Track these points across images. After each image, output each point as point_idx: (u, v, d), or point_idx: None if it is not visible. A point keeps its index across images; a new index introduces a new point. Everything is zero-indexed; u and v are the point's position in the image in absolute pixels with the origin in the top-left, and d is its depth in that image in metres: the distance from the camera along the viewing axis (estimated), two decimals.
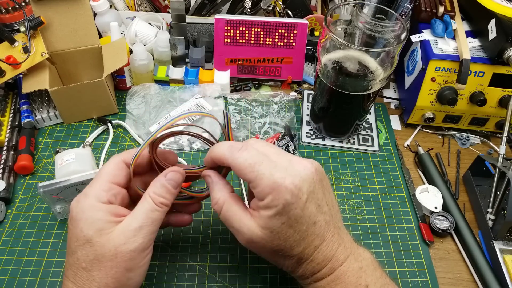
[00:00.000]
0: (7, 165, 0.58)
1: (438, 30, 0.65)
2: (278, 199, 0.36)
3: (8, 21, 0.68)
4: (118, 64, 0.64)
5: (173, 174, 0.41)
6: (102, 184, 0.39)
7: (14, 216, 0.55)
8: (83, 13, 0.64)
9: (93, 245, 0.36)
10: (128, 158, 0.41)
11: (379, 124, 0.70)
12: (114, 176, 0.40)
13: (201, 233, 0.54)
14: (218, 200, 0.40)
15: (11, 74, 0.60)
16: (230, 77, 0.73)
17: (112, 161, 0.41)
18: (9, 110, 0.65)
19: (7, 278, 0.49)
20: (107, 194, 0.39)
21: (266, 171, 0.36)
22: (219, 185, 0.41)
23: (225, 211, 0.40)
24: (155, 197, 0.39)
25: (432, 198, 0.58)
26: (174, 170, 0.41)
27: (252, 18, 0.69)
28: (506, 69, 0.62)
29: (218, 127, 0.66)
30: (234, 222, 0.39)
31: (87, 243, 0.36)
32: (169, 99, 0.69)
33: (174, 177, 0.41)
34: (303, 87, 0.76)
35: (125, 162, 0.41)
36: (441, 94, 0.64)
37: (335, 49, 0.56)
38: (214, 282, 0.50)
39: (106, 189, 0.39)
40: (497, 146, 0.68)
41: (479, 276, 0.51)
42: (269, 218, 0.37)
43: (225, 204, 0.40)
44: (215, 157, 0.41)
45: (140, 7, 0.82)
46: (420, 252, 0.54)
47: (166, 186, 0.40)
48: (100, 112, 0.67)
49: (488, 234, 0.54)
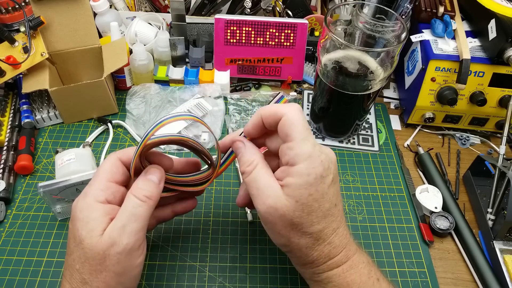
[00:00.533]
0: (7, 165, 0.58)
1: (438, 30, 0.65)
2: (314, 168, 0.36)
3: (8, 21, 0.68)
4: (118, 64, 0.64)
5: (152, 170, 0.40)
6: (100, 183, 0.38)
7: (14, 216, 0.55)
8: (83, 13, 0.64)
9: (84, 247, 0.36)
10: (124, 156, 0.40)
11: (379, 124, 0.70)
12: (111, 174, 0.39)
13: (201, 233, 0.54)
14: (252, 161, 0.39)
15: (11, 74, 0.60)
16: (230, 77, 0.73)
17: (108, 159, 0.40)
18: (9, 110, 0.65)
19: (7, 278, 0.49)
20: (105, 193, 0.38)
21: (311, 139, 0.37)
22: (253, 149, 0.41)
23: (256, 172, 0.38)
24: (138, 191, 0.38)
25: (432, 198, 0.58)
26: (153, 167, 0.40)
27: (252, 18, 0.69)
28: (506, 69, 0.62)
29: (218, 127, 0.66)
30: (261, 183, 0.38)
31: (80, 244, 0.36)
32: (169, 99, 0.69)
33: (154, 172, 0.40)
34: (303, 87, 0.76)
35: (121, 160, 0.40)
36: (441, 94, 0.64)
37: (335, 49, 0.56)
38: (214, 282, 0.50)
39: (104, 188, 0.38)
40: (497, 146, 0.68)
41: (479, 276, 0.51)
42: (298, 186, 0.36)
43: (258, 165, 0.39)
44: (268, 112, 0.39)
45: (140, 7, 0.82)
46: (420, 252, 0.54)
47: (147, 179, 0.39)
48: (100, 112, 0.67)
49: (488, 234, 0.54)
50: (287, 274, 0.51)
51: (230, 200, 0.58)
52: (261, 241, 0.53)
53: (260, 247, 0.53)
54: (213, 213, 0.56)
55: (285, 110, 0.38)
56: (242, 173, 0.40)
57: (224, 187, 0.59)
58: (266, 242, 0.53)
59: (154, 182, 0.39)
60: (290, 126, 0.37)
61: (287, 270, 0.51)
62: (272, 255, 0.52)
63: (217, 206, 0.57)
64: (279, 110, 0.38)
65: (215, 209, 0.57)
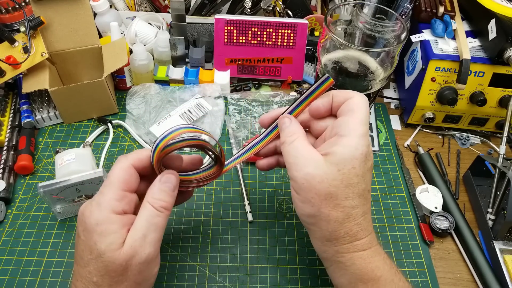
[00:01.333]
0: (7, 165, 0.58)
1: (438, 30, 0.65)
2: (363, 145, 0.37)
3: (8, 21, 0.68)
4: (118, 64, 0.64)
5: (168, 177, 0.40)
6: (114, 193, 0.37)
7: (14, 216, 0.55)
8: (83, 13, 0.64)
9: (104, 260, 0.35)
10: (137, 162, 0.39)
11: (379, 124, 0.70)
12: (125, 183, 0.38)
13: (201, 233, 0.54)
14: (295, 132, 0.40)
15: (11, 74, 0.60)
16: (230, 77, 0.73)
17: (121, 166, 0.39)
18: (9, 110, 0.65)
19: (7, 278, 0.49)
20: (121, 203, 0.37)
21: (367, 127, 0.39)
22: (298, 124, 0.42)
23: (298, 141, 0.39)
24: (154, 201, 0.38)
25: (432, 198, 0.58)
26: (168, 173, 0.40)
27: (252, 18, 0.69)
28: (506, 69, 0.62)
29: (218, 127, 0.66)
30: (301, 152, 0.39)
31: (99, 258, 0.35)
32: (169, 99, 0.69)
33: (170, 179, 0.40)
34: (303, 87, 0.76)
35: (134, 166, 0.39)
36: (441, 94, 0.64)
37: (335, 49, 0.56)
38: (214, 282, 0.50)
39: (120, 198, 0.37)
40: (497, 146, 0.68)
41: (479, 276, 0.51)
42: (344, 155, 0.37)
43: (301, 137, 0.40)
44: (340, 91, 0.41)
45: (140, 7, 0.82)
46: (420, 252, 0.54)
47: (164, 189, 0.39)
48: (100, 112, 0.67)
49: (488, 234, 0.54)
50: (287, 274, 0.51)
51: (230, 200, 0.58)
52: (261, 241, 0.53)
53: (260, 247, 0.53)
54: (213, 213, 0.56)
55: (356, 94, 0.40)
56: (282, 143, 0.41)
57: (224, 187, 0.59)
58: (266, 242, 0.53)
59: (170, 191, 0.39)
60: (358, 106, 0.39)
61: (287, 270, 0.51)
62: (272, 255, 0.52)
63: (217, 206, 0.57)
64: (351, 92, 0.41)
65: (215, 209, 0.57)
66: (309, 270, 0.51)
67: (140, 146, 0.64)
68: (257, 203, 0.58)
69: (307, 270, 0.51)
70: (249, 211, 0.56)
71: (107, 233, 0.35)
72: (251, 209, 0.56)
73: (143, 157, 0.40)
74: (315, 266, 0.51)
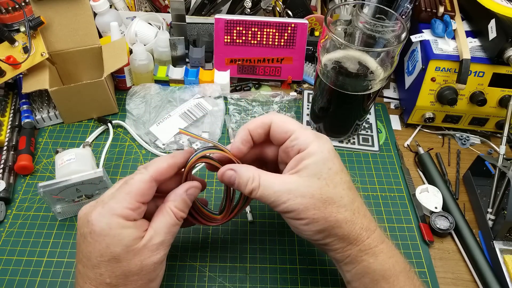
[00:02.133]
0: (7, 165, 0.58)
1: (438, 30, 0.65)
2: (324, 144, 0.39)
3: (8, 21, 0.68)
4: (118, 64, 0.64)
5: (193, 190, 0.41)
6: (131, 203, 0.37)
7: (14, 216, 0.55)
8: (83, 13, 0.64)
9: (120, 261, 0.36)
10: (158, 176, 0.39)
11: (379, 124, 0.70)
12: (143, 196, 0.38)
13: (201, 233, 0.54)
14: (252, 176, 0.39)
15: (11, 74, 0.60)
16: (230, 77, 0.73)
17: (142, 178, 0.39)
18: (9, 110, 0.65)
19: (7, 278, 0.49)
20: (135, 213, 0.38)
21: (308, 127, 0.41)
22: (243, 167, 0.41)
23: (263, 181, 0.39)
24: (177, 211, 0.40)
25: (432, 198, 0.58)
26: (194, 186, 0.42)
27: (252, 18, 0.69)
28: (506, 69, 0.62)
29: (218, 127, 0.66)
30: (275, 186, 0.38)
31: (113, 259, 0.36)
32: (169, 99, 0.69)
33: (194, 193, 0.42)
34: (303, 87, 0.76)
35: (156, 181, 0.39)
36: (441, 94, 0.64)
37: (335, 49, 0.56)
38: (214, 282, 0.50)
39: (134, 208, 0.38)
40: (497, 146, 0.68)
41: (479, 276, 0.51)
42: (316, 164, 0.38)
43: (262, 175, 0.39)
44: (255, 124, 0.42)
45: (140, 7, 0.82)
46: (420, 252, 0.54)
47: (187, 201, 0.41)
48: (100, 112, 0.67)
49: (488, 234, 0.54)
50: (287, 274, 0.51)
51: None
52: (261, 241, 0.53)
53: (260, 247, 0.53)
54: None
55: (270, 117, 0.42)
56: (250, 193, 0.39)
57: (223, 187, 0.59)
58: (266, 242, 0.53)
59: (188, 204, 0.41)
60: (284, 124, 0.40)
61: (287, 270, 0.51)
62: (272, 255, 0.52)
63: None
64: (265, 118, 0.42)
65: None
66: (309, 270, 0.51)
67: (140, 146, 0.64)
68: (257, 203, 0.58)
69: (307, 270, 0.51)
70: (249, 211, 0.56)
71: (121, 237, 0.36)
72: (251, 209, 0.56)
73: (163, 170, 0.40)
74: (315, 266, 0.51)
